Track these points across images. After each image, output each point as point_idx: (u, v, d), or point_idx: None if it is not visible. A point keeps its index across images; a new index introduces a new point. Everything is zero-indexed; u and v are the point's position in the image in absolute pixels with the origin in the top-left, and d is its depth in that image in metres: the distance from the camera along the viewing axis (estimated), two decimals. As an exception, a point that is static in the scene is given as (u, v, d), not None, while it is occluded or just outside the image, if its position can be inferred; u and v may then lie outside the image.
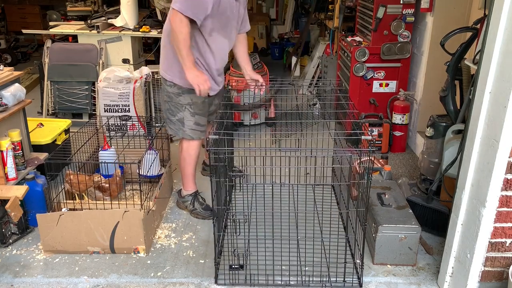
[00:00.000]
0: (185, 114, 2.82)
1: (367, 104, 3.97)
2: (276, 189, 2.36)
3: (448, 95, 2.80)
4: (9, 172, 2.80)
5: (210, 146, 2.13)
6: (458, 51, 2.73)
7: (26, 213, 2.76)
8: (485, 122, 1.96)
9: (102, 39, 4.69)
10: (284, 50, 7.22)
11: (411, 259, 2.49)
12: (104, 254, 2.60)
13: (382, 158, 3.42)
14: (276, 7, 8.65)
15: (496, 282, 2.12)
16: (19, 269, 2.49)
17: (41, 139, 3.35)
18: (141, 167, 2.83)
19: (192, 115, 2.83)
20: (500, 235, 2.03)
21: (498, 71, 1.87)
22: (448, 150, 2.64)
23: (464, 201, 2.11)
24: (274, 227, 2.28)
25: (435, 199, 2.75)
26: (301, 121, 2.68)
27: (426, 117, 3.16)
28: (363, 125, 2.26)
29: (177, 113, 2.83)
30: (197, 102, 2.81)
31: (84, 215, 2.54)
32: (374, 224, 2.48)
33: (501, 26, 1.82)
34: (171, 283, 2.39)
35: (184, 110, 2.82)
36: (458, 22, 3.44)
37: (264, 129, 4.49)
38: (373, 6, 3.76)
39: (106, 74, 4.18)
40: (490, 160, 1.92)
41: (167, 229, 2.86)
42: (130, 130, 3.94)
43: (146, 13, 5.41)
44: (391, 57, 3.82)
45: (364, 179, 2.21)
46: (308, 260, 2.42)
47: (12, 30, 7.81)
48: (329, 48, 5.20)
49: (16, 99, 2.95)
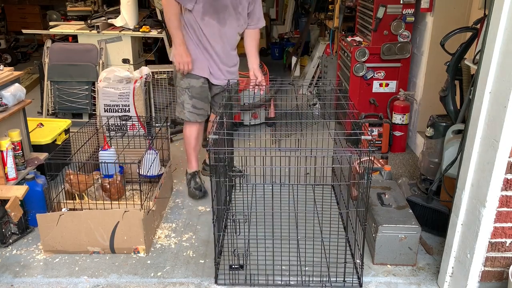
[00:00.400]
0: (185, 98, 3.06)
1: (367, 104, 3.97)
2: (276, 189, 2.36)
3: (448, 95, 2.80)
4: (9, 172, 2.80)
5: (210, 146, 2.13)
6: (458, 51, 2.73)
7: (26, 213, 2.76)
8: (485, 122, 1.96)
9: (102, 39, 4.69)
10: (284, 50, 7.22)
11: (411, 259, 2.49)
12: (104, 254, 2.60)
13: (382, 158, 3.42)
14: (276, 7, 8.65)
15: (496, 282, 2.12)
16: (19, 269, 2.49)
17: (41, 139, 3.35)
18: (141, 167, 2.83)
19: (190, 98, 3.04)
20: (500, 235, 2.03)
21: (498, 71, 1.87)
22: (448, 150, 2.64)
23: (464, 201, 2.11)
24: (274, 227, 2.28)
25: (435, 199, 2.75)
26: (301, 121, 2.68)
27: (426, 117, 3.16)
28: (363, 125, 2.26)
29: (180, 96, 3.09)
30: (195, 86, 3.02)
31: (84, 215, 2.54)
32: (374, 224, 2.48)
33: (501, 26, 1.82)
34: (171, 283, 2.39)
35: (184, 94, 3.06)
36: (458, 22, 3.44)
37: (264, 129, 4.49)
38: (373, 6, 3.76)
39: (106, 74, 4.18)
40: (490, 160, 1.92)
41: (167, 229, 2.86)
42: (130, 130, 3.94)
43: (146, 13, 5.41)
44: (391, 57, 3.82)
45: (364, 179, 2.21)
46: (308, 260, 2.42)
47: (12, 30, 7.81)
48: (329, 48, 5.20)
49: (16, 99, 2.95)
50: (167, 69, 4.50)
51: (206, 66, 3.02)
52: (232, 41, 3.05)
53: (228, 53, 3.06)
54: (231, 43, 3.04)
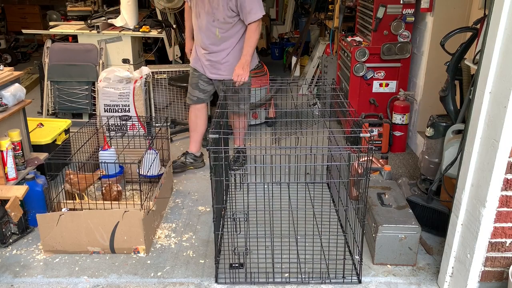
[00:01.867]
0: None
1: (367, 104, 3.97)
2: (275, 188, 2.37)
3: (448, 95, 2.80)
4: (9, 172, 2.80)
5: (210, 145, 2.13)
6: (458, 51, 2.73)
7: (26, 213, 2.76)
8: (485, 122, 1.96)
9: (102, 39, 4.70)
10: (284, 50, 7.22)
11: (411, 259, 2.49)
12: (104, 254, 2.60)
13: (382, 158, 3.42)
14: (276, 7, 8.65)
15: (496, 282, 2.12)
16: (19, 269, 2.49)
17: (41, 139, 3.35)
18: (141, 167, 2.83)
19: (189, 83, 3.49)
20: (500, 235, 2.03)
21: (498, 71, 1.87)
22: (448, 150, 2.64)
23: (464, 201, 2.11)
24: (273, 225, 2.29)
25: (435, 199, 2.75)
26: (300, 120, 2.69)
27: (426, 117, 3.16)
28: (362, 124, 2.26)
29: None
30: (190, 72, 3.45)
31: (84, 215, 2.54)
32: (374, 224, 2.49)
33: (501, 26, 1.82)
34: (171, 283, 2.39)
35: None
36: (458, 22, 3.44)
37: (264, 129, 4.49)
38: (373, 6, 3.76)
39: (106, 74, 4.18)
40: (490, 160, 1.92)
41: (167, 229, 2.86)
42: (130, 130, 3.94)
43: (146, 13, 5.42)
44: (391, 57, 3.82)
45: (363, 177, 2.21)
46: (308, 258, 2.42)
47: (12, 30, 7.81)
48: (329, 48, 5.20)
49: (16, 99, 2.95)
50: (167, 69, 4.50)
51: (195, 57, 3.38)
52: (210, 35, 3.17)
53: (207, 47, 3.24)
54: (210, 37, 3.19)
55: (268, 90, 4.41)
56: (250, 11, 3.05)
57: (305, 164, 2.35)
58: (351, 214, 2.46)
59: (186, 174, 3.58)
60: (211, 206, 2.25)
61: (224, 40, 3.18)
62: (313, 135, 3.01)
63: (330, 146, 2.89)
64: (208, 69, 3.31)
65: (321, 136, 3.27)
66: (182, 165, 3.57)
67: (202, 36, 3.23)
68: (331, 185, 3.14)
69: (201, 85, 3.41)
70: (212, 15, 3.11)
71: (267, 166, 2.19)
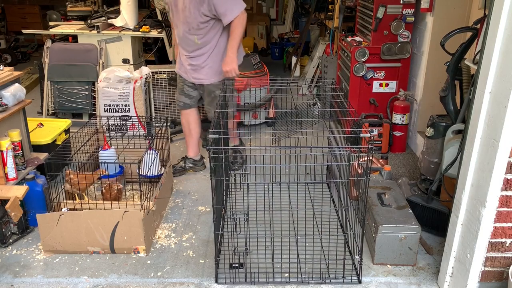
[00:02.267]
0: None
1: (367, 104, 3.97)
2: (275, 188, 2.37)
3: (448, 95, 2.80)
4: (9, 172, 2.80)
5: (210, 145, 2.13)
6: (458, 51, 2.73)
7: (26, 213, 2.76)
8: (485, 122, 1.96)
9: (102, 39, 4.70)
10: (284, 50, 7.22)
11: (411, 259, 2.49)
12: (104, 254, 2.60)
13: (382, 158, 3.42)
14: (276, 7, 8.66)
15: (496, 282, 2.12)
16: (19, 269, 2.49)
17: (41, 139, 3.35)
18: (141, 167, 2.83)
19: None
20: (500, 235, 2.03)
21: (498, 71, 1.87)
22: (448, 150, 2.64)
23: (464, 201, 2.11)
24: (273, 225, 2.29)
25: (435, 199, 2.75)
26: (300, 120, 2.69)
27: (426, 117, 3.16)
28: (363, 124, 2.26)
29: None
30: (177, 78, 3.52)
31: (84, 215, 2.54)
32: (374, 224, 2.49)
33: (501, 26, 1.82)
34: (171, 283, 2.39)
35: None
36: (458, 22, 3.44)
37: (264, 129, 4.49)
38: (373, 6, 3.76)
39: (106, 74, 4.18)
40: (490, 160, 1.92)
41: (167, 229, 2.86)
42: (130, 130, 3.94)
43: (146, 13, 5.42)
44: (391, 57, 3.82)
45: (363, 176, 2.21)
46: (308, 258, 2.42)
47: (12, 30, 7.81)
48: (329, 48, 5.20)
49: (16, 99, 2.95)
50: (167, 69, 4.50)
51: (179, 62, 3.45)
52: (190, 43, 3.23)
53: (189, 52, 3.28)
54: (190, 45, 3.24)
55: (268, 90, 4.41)
56: (225, 12, 3.04)
57: (305, 164, 2.35)
58: (351, 214, 2.46)
59: (186, 174, 3.58)
60: (211, 206, 2.25)
61: (205, 44, 3.21)
62: (313, 135, 3.01)
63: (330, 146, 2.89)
64: (191, 74, 3.34)
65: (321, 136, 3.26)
66: (181, 169, 3.59)
67: (182, 44, 3.30)
68: (331, 185, 3.14)
69: (186, 90, 3.45)
70: (187, 24, 3.15)
71: (267, 166, 2.20)
